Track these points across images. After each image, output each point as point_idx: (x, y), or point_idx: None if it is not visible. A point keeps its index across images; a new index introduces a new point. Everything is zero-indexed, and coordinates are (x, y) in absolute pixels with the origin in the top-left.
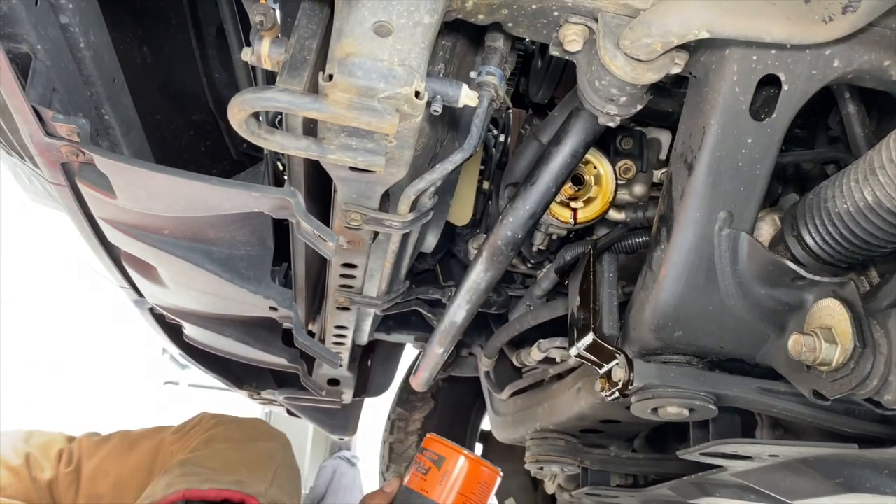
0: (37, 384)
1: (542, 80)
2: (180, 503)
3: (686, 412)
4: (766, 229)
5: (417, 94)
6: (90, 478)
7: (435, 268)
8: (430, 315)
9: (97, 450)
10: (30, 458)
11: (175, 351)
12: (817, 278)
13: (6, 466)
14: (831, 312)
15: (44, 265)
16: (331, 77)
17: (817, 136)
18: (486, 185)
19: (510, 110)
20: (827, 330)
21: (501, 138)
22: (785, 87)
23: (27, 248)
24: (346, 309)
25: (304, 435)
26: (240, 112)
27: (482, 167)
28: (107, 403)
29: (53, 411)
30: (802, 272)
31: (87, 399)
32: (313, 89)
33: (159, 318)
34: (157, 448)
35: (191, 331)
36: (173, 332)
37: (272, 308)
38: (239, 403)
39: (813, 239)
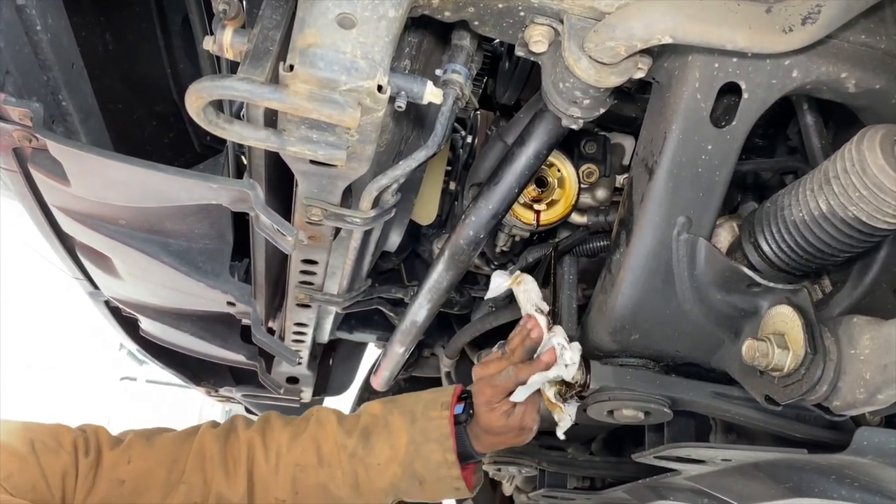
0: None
1: (510, 82)
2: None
3: (641, 415)
4: (725, 236)
5: (380, 87)
6: (111, 465)
7: (399, 267)
8: (391, 314)
9: (116, 442)
10: (36, 445)
11: (132, 346)
12: (772, 285)
13: (10, 453)
14: (785, 319)
15: (43, 265)
16: (291, 67)
17: (777, 146)
18: (452, 185)
19: (478, 112)
20: (780, 336)
21: (469, 139)
22: (745, 96)
23: (26, 248)
24: (307, 306)
25: None
26: (197, 100)
27: (449, 168)
28: (61, 400)
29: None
30: (758, 279)
31: (43, 396)
32: (276, 80)
33: (115, 312)
34: (184, 440)
35: (147, 325)
36: (130, 326)
37: (230, 303)
38: (198, 399)
39: (769, 246)
